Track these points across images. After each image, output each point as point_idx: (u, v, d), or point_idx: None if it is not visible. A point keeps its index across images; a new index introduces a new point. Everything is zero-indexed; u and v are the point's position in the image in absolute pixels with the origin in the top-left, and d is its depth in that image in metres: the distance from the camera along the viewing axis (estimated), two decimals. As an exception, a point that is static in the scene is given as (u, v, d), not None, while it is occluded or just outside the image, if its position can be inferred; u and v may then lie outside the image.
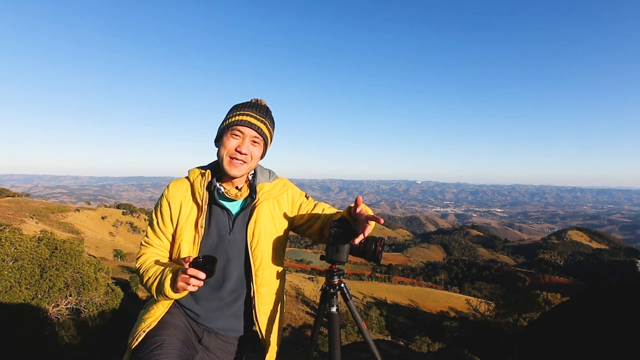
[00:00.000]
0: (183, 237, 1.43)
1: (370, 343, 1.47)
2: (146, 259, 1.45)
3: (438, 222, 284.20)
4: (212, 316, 1.48)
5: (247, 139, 1.41)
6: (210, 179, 1.47)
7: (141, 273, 1.43)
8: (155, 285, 1.35)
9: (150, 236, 1.49)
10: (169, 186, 1.50)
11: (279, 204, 1.57)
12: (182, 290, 1.26)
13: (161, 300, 1.40)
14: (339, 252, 1.38)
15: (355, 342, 10.39)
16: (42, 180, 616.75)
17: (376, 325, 31.16)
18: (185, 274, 1.21)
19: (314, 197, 1.79)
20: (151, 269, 1.40)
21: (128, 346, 1.39)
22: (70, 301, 6.23)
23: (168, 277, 1.31)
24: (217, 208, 1.47)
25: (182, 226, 1.44)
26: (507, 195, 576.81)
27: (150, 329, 1.39)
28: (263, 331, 1.51)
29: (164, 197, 1.48)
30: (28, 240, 6.02)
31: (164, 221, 1.46)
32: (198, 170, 1.51)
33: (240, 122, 1.40)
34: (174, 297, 1.33)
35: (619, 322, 9.62)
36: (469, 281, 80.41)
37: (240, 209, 1.50)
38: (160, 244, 1.48)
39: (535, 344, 14.24)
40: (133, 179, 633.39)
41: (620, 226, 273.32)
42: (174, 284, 1.27)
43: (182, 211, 1.45)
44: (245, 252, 1.49)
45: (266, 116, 1.46)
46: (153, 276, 1.37)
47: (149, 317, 1.42)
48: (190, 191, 1.48)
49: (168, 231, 1.47)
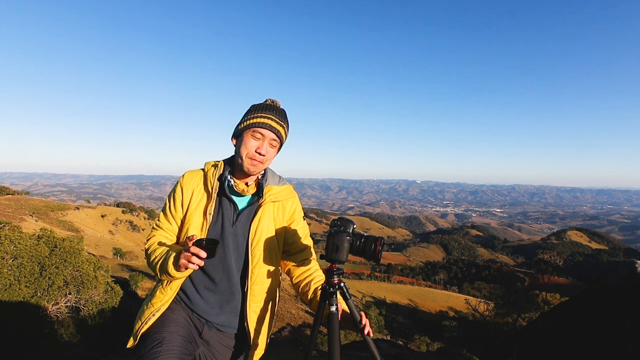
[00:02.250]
0: (191, 223, 1.50)
1: (369, 342, 1.46)
2: (155, 241, 1.53)
3: (437, 221, 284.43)
4: (212, 309, 1.52)
5: (267, 140, 1.50)
6: (222, 171, 1.55)
7: (149, 253, 1.50)
8: (159, 264, 1.42)
9: (162, 220, 1.57)
10: (184, 174, 1.59)
11: (282, 209, 1.62)
12: (184, 269, 1.32)
13: (165, 280, 1.47)
14: (339, 251, 1.38)
15: (355, 342, 10.38)
16: (41, 178, 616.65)
17: (375, 325, 31.21)
18: (188, 252, 1.28)
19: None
20: (158, 249, 1.48)
21: (134, 332, 1.44)
22: (69, 299, 6.24)
23: (172, 256, 1.38)
24: (225, 200, 1.54)
25: (191, 212, 1.52)
26: (506, 196, 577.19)
27: (156, 317, 1.44)
28: (251, 329, 1.53)
29: (179, 184, 1.57)
30: (28, 238, 6.03)
31: (176, 206, 1.55)
32: (212, 162, 1.60)
33: (262, 124, 1.48)
34: (176, 276, 1.39)
35: (617, 322, 9.63)
36: (468, 281, 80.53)
37: (246, 205, 1.57)
38: (169, 227, 1.56)
39: (534, 344, 14.26)
40: (133, 178, 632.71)
41: (620, 227, 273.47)
42: (177, 262, 1.34)
43: (193, 198, 1.54)
44: (245, 247, 1.54)
45: (285, 120, 1.55)
46: (159, 256, 1.45)
47: (157, 302, 1.48)
48: (202, 180, 1.56)
49: (178, 216, 1.55)
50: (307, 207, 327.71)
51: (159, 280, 1.52)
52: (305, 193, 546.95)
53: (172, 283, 1.48)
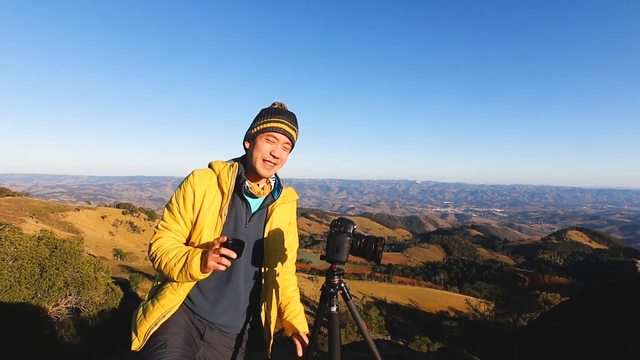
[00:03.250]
0: (205, 224, 1.47)
1: (370, 343, 1.47)
2: (164, 242, 1.46)
3: (438, 222, 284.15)
4: (217, 311, 1.52)
5: (280, 144, 1.52)
6: (237, 171, 1.53)
7: (159, 255, 1.42)
8: (179, 266, 1.36)
9: (169, 220, 1.50)
10: (193, 173, 1.52)
11: (287, 210, 1.68)
12: (211, 270, 1.31)
13: (182, 282, 1.42)
14: (339, 251, 1.39)
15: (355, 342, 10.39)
16: (41, 179, 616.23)
17: (376, 325, 31.19)
18: (217, 254, 1.26)
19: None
20: (172, 251, 1.41)
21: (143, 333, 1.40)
22: (70, 300, 6.24)
23: (196, 257, 1.33)
24: (238, 200, 1.54)
25: (204, 213, 1.48)
26: (506, 195, 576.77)
27: (167, 318, 1.43)
28: (269, 329, 1.59)
29: (189, 183, 1.50)
30: (28, 239, 6.03)
31: (186, 207, 1.49)
32: (223, 162, 1.57)
33: (276, 128, 1.50)
34: (199, 278, 1.36)
35: (618, 322, 9.63)
36: (468, 281, 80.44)
37: (259, 207, 1.58)
38: (178, 228, 1.50)
39: (534, 344, 14.25)
40: (133, 179, 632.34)
41: (620, 226, 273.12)
42: (204, 264, 1.30)
43: (205, 198, 1.49)
44: (257, 249, 1.55)
45: (295, 124, 1.57)
46: (175, 257, 1.38)
47: (168, 303, 1.44)
48: (215, 180, 1.53)
49: (188, 217, 1.50)
50: (308, 207, 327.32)
51: (165, 280, 1.49)
52: (306, 193, 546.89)
53: (185, 284, 1.45)
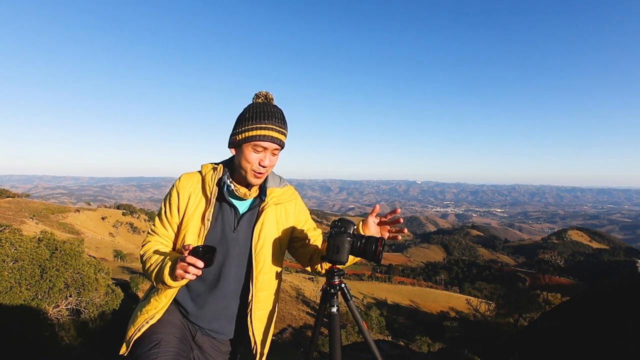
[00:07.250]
0: (188, 229, 1.43)
1: (370, 343, 1.46)
2: (150, 247, 1.45)
3: (438, 222, 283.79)
4: (206, 316, 1.47)
5: (269, 152, 1.41)
6: (221, 174, 1.47)
7: (144, 260, 1.42)
8: (155, 273, 1.34)
9: (157, 225, 1.49)
10: (180, 177, 1.50)
11: (285, 211, 1.57)
12: (181, 279, 1.24)
13: (161, 288, 1.39)
14: (340, 252, 1.38)
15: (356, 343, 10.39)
16: (42, 180, 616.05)
17: (376, 326, 31.18)
18: (184, 262, 1.20)
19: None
20: (153, 256, 1.40)
21: (127, 338, 1.40)
22: (70, 302, 6.23)
23: (167, 265, 1.30)
24: (225, 204, 1.47)
25: (188, 217, 1.44)
26: (507, 195, 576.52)
27: (150, 324, 1.40)
28: (257, 336, 1.49)
29: (174, 187, 1.48)
30: (28, 240, 6.03)
31: (172, 211, 1.46)
32: (210, 165, 1.51)
33: (264, 137, 1.37)
34: (173, 286, 1.31)
35: (619, 322, 9.61)
36: (469, 281, 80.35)
37: (247, 209, 1.50)
38: (165, 233, 1.48)
39: (535, 344, 14.22)
40: (133, 180, 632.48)
41: (621, 226, 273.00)
42: (173, 272, 1.26)
43: (190, 203, 1.45)
44: (247, 253, 1.48)
45: (284, 124, 1.44)
46: (154, 264, 1.36)
47: (151, 309, 1.42)
48: (200, 184, 1.48)
49: (174, 221, 1.47)
50: (308, 208, 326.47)
51: (153, 286, 1.47)
52: (306, 194, 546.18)
53: (167, 291, 1.41)
